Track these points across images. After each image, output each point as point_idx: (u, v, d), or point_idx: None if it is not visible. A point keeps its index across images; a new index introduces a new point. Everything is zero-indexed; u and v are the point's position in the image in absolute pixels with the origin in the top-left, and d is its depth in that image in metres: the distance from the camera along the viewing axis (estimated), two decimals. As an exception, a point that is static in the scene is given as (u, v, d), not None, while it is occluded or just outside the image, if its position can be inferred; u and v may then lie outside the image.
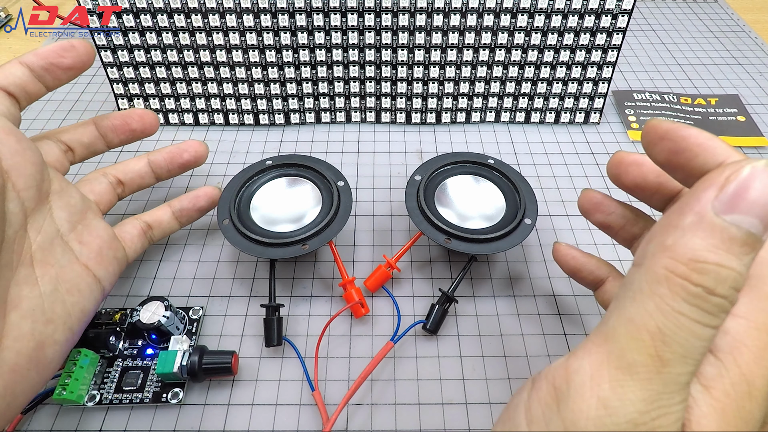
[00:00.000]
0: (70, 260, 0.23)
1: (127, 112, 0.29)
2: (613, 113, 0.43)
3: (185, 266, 0.31)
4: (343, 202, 0.29)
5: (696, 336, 0.12)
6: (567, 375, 0.13)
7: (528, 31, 0.37)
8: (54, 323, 0.21)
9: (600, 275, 0.24)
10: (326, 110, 0.41)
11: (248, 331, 0.28)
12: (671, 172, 0.16)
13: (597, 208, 0.23)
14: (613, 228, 0.23)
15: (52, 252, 0.22)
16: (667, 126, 0.16)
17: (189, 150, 0.30)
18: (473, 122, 0.42)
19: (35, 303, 0.21)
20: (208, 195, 0.30)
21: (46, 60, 0.24)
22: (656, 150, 0.16)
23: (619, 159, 0.21)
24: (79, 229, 0.24)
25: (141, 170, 0.29)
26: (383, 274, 0.29)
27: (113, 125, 0.28)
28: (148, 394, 0.25)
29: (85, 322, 0.23)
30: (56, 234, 0.23)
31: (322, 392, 0.25)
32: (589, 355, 0.13)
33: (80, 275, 0.23)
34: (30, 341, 0.20)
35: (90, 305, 0.23)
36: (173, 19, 0.36)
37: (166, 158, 0.30)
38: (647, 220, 0.22)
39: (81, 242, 0.24)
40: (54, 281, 0.22)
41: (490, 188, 0.31)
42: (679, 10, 0.57)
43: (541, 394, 0.14)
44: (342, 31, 0.37)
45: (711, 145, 0.15)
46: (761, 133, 0.41)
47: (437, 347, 0.27)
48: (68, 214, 0.24)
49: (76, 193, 0.25)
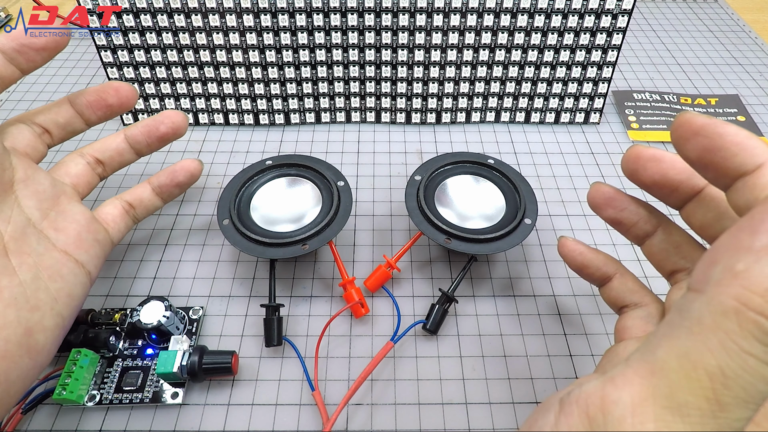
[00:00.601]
0: (47, 247, 0.23)
1: (102, 86, 0.27)
2: (613, 113, 0.43)
3: (185, 266, 0.31)
4: (343, 202, 0.29)
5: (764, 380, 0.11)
6: (603, 405, 0.12)
7: (528, 31, 0.37)
8: (40, 309, 0.21)
9: (607, 272, 0.23)
10: (326, 110, 0.41)
11: (248, 331, 0.28)
12: (702, 170, 0.15)
13: (609, 203, 0.21)
14: (624, 225, 0.21)
15: (27, 241, 0.22)
16: (703, 121, 0.14)
17: (165, 122, 0.28)
18: (473, 122, 0.42)
19: (17, 291, 0.21)
20: (187, 169, 0.29)
21: (17, 41, 0.23)
22: (688, 146, 0.15)
23: (637, 154, 0.19)
24: (53, 216, 0.24)
25: (119, 147, 0.28)
26: (383, 274, 0.29)
27: (89, 102, 0.26)
28: (148, 394, 0.25)
29: (76, 307, 0.23)
30: (27, 223, 0.22)
31: (322, 392, 0.25)
32: (630, 386, 0.12)
33: (60, 261, 0.23)
34: (17, 328, 0.20)
35: (76, 290, 0.23)
36: (173, 19, 0.36)
37: (144, 132, 0.28)
38: (661, 217, 0.21)
39: (56, 229, 0.23)
40: (33, 269, 0.22)
41: (490, 188, 0.31)
42: (679, 10, 0.57)
43: (572, 420, 0.13)
44: (342, 31, 0.37)
45: (750, 145, 0.14)
46: (761, 133, 0.41)
47: (437, 347, 0.27)
48: (37, 202, 0.23)
49: (45, 179, 0.24)
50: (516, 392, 0.25)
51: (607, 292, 0.23)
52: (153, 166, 0.37)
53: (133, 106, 0.28)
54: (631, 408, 0.12)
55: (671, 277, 0.20)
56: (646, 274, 0.30)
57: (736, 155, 0.14)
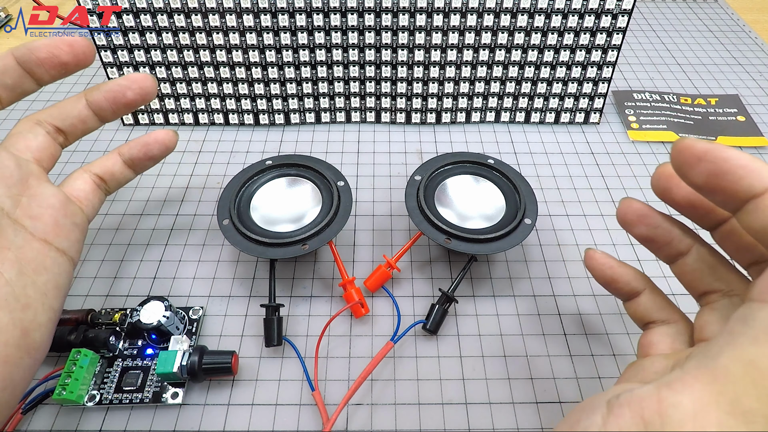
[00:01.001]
0: (25, 239, 0.21)
1: (53, 41, 0.23)
2: (613, 113, 0.43)
3: (185, 266, 0.31)
4: (343, 202, 0.29)
5: None
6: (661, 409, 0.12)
7: (528, 31, 0.37)
8: (32, 307, 0.20)
9: (636, 287, 0.22)
10: (326, 110, 0.41)
11: (248, 331, 0.28)
12: (709, 194, 0.15)
13: (641, 221, 0.20)
14: (656, 243, 0.20)
15: (3, 234, 0.21)
16: (705, 146, 0.15)
17: (132, 87, 0.25)
18: (473, 122, 0.42)
19: (5, 291, 0.20)
20: (160, 141, 0.27)
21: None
22: (694, 172, 0.15)
23: (669, 172, 0.18)
24: (25, 203, 0.22)
25: (81, 114, 0.25)
26: (383, 274, 0.29)
27: (39, 59, 0.23)
28: (148, 394, 0.25)
29: (64, 296, 0.23)
30: (0, 214, 0.21)
31: (322, 392, 0.25)
32: (690, 392, 0.12)
33: (41, 252, 0.21)
34: (14, 330, 0.19)
35: (62, 279, 0.22)
36: (173, 19, 0.36)
37: (108, 98, 0.25)
38: (695, 237, 0.20)
39: (32, 217, 0.22)
40: (16, 264, 0.20)
41: (490, 188, 0.31)
42: (679, 10, 0.57)
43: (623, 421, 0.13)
44: (342, 31, 0.37)
45: (756, 167, 0.14)
46: (761, 133, 0.41)
47: (437, 347, 0.27)
48: (5, 188, 0.21)
49: (8, 161, 0.22)
50: (516, 392, 0.25)
51: (633, 307, 0.22)
52: (147, 178, 0.34)
53: (90, 63, 0.24)
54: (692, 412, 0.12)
55: (702, 297, 0.20)
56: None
57: (743, 178, 0.14)
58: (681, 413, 0.12)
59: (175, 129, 0.40)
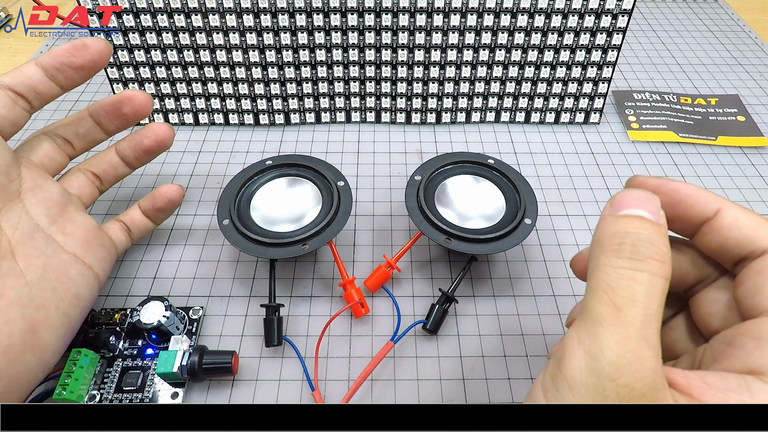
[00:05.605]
0: (55, 250, 0.23)
1: (117, 96, 0.27)
2: (613, 113, 0.43)
3: (185, 266, 0.31)
4: (343, 202, 0.29)
5: (635, 282, 0.14)
6: (562, 346, 0.15)
7: (528, 31, 0.37)
8: (45, 308, 0.21)
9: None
10: (326, 110, 0.41)
11: (248, 331, 0.28)
12: (669, 223, 0.17)
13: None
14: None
15: (35, 244, 0.23)
16: (655, 181, 0.17)
17: (149, 135, 0.28)
18: (473, 122, 0.42)
19: (22, 291, 0.21)
20: (165, 196, 0.29)
21: (57, 60, 0.24)
22: None
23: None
24: (60, 222, 0.24)
25: (112, 161, 0.29)
26: (383, 274, 0.29)
27: (106, 112, 0.27)
28: (148, 394, 0.25)
29: (83, 308, 0.24)
30: (35, 228, 0.23)
31: (322, 392, 0.25)
32: (576, 329, 0.15)
33: (68, 263, 0.23)
34: (21, 324, 0.20)
35: (83, 290, 0.23)
36: (173, 19, 0.36)
37: (130, 146, 0.29)
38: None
39: (64, 233, 0.24)
40: (41, 270, 0.22)
41: (490, 188, 0.31)
42: (679, 10, 0.57)
43: (549, 368, 0.15)
44: (342, 31, 0.37)
45: (702, 195, 0.16)
46: (761, 133, 0.41)
47: (437, 347, 0.27)
48: (46, 209, 0.24)
49: (54, 188, 0.25)
50: (516, 392, 0.25)
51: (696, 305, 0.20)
52: (147, 178, 0.37)
53: (148, 114, 0.28)
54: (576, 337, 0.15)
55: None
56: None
57: (694, 205, 0.16)
58: (571, 340, 0.15)
59: (175, 129, 0.40)
